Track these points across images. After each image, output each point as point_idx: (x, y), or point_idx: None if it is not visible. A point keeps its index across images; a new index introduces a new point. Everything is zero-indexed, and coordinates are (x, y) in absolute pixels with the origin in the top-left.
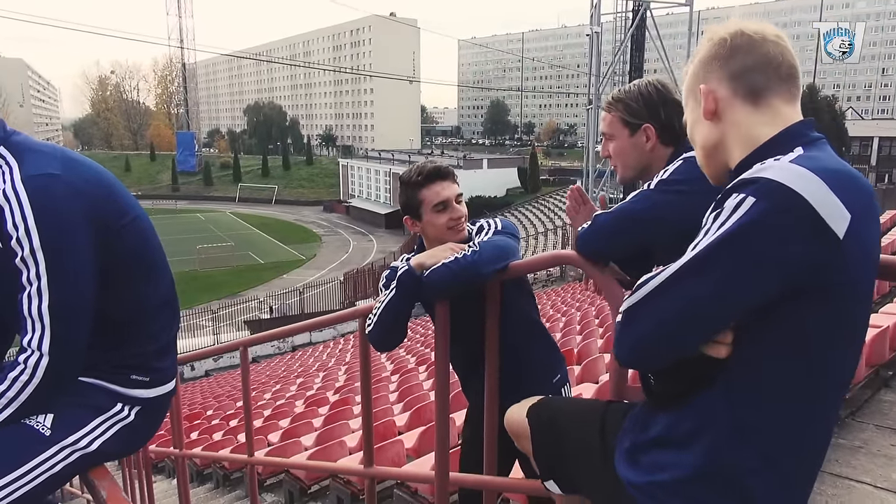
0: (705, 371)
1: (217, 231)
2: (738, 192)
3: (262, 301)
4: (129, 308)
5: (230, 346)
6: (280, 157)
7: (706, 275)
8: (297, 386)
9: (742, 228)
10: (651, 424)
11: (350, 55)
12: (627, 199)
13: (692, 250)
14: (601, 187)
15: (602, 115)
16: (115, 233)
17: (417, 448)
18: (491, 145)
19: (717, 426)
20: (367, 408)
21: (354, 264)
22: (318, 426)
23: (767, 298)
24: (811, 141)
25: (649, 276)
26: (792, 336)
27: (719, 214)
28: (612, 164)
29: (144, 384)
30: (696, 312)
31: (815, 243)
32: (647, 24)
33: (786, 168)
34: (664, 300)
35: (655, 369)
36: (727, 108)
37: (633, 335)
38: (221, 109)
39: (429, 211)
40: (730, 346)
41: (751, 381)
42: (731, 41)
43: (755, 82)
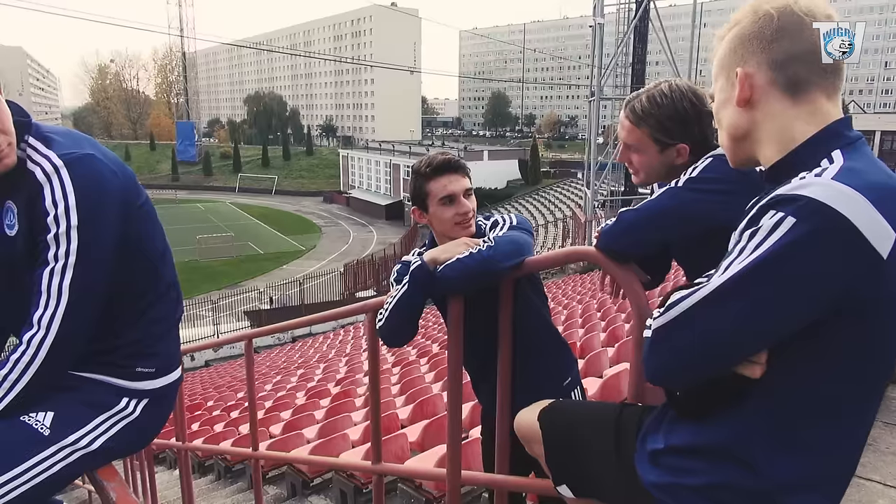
0: (736, 388)
1: (217, 221)
2: (777, 210)
3: (263, 292)
4: (144, 287)
5: (236, 338)
6: (280, 148)
7: (745, 298)
8: (297, 377)
9: (783, 251)
10: (677, 430)
11: (351, 45)
12: (654, 197)
13: (726, 270)
14: (602, 180)
15: (623, 122)
16: (134, 214)
17: (421, 442)
18: (492, 137)
19: (750, 443)
20: (375, 404)
21: (354, 255)
22: (321, 418)
23: (807, 320)
24: (850, 142)
25: (682, 295)
26: (828, 355)
27: (755, 233)
28: (633, 170)
29: (150, 375)
30: (733, 336)
31: (858, 265)
32: (650, 15)
33: (829, 186)
34: (699, 321)
35: (682, 388)
36: (763, 98)
37: (664, 355)
38: (221, 99)
39: (435, 203)
40: (764, 366)
41: (785, 400)
42: (779, 20)
43: (798, 74)
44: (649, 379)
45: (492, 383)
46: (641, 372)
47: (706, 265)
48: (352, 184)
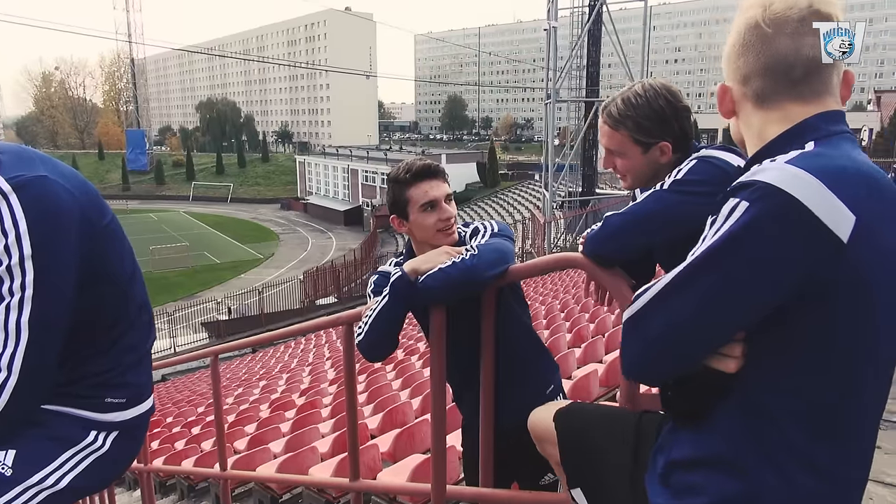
0: (715, 384)
1: (171, 231)
2: (734, 197)
3: (220, 302)
4: (113, 313)
5: (201, 354)
6: (235, 155)
7: (701, 284)
8: (260, 389)
9: (735, 235)
10: (677, 443)
11: (305, 50)
12: (640, 200)
13: (689, 258)
14: (560, 181)
15: (602, 128)
16: (98, 235)
17: (393, 452)
18: (449, 140)
19: (744, 447)
20: (352, 419)
21: (314, 262)
22: (287, 431)
23: (768, 307)
24: (827, 135)
25: (647, 286)
26: (805, 345)
27: (715, 221)
28: (618, 174)
29: (121, 406)
30: (695, 321)
31: (815, 248)
32: (602, 19)
33: (781, 169)
34: (661, 311)
35: (660, 382)
36: (740, 109)
37: (634, 346)
38: (173, 106)
39: (416, 210)
40: (739, 360)
41: (774, 397)
42: (745, 36)
43: (761, 87)
44: (625, 373)
45: (474, 394)
46: (634, 384)
47: None
48: (309, 190)
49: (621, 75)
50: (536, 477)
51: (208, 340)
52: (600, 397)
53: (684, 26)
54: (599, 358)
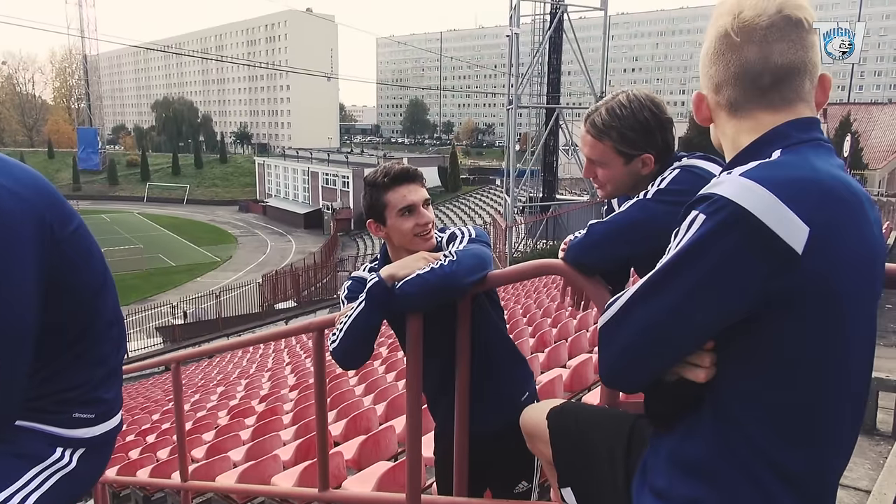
0: (687, 394)
1: (124, 233)
2: (694, 209)
3: (176, 306)
4: (78, 327)
5: (162, 361)
6: (192, 156)
7: (663, 294)
8: (217, 396)
9: (693, 247)
10: (659, 450)
11: (265, 50)
12: (623, 209)
13: (655, 268)
14: (521, 186)
15: (585, 137)
16: (62, 243)
17: (358, 460)
18: (411, 144)
19: (718, 454)
20: (322, 427)
21: (273, 266)
22: (247, 439)
23: (729, 317)
24: (794, 143)
25: (618, 296)
26: (764, 355)
27: (678, 232)
28: (597, 184)
29: (89, 422)
30: (659, 332)
31: (769, 259)
32: (563, 27)
33: (734, 182)
34: (629, 320)
35: (635, 389)
36: (716, 117)
37: (607, 356)
38: (127, 104)
39: (394, 215)
40: (710, 369)
41: (743, 405)
42: (716, 46)
43: (731, 97)
44: (603, 381)
45: (449, 400)
46: (614, 393)
47: None
48: (268, 192)
49: (581, 83)
50: (510, 485)
51: (162, 346)
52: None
53: (641, 36)
54: (563, 363)
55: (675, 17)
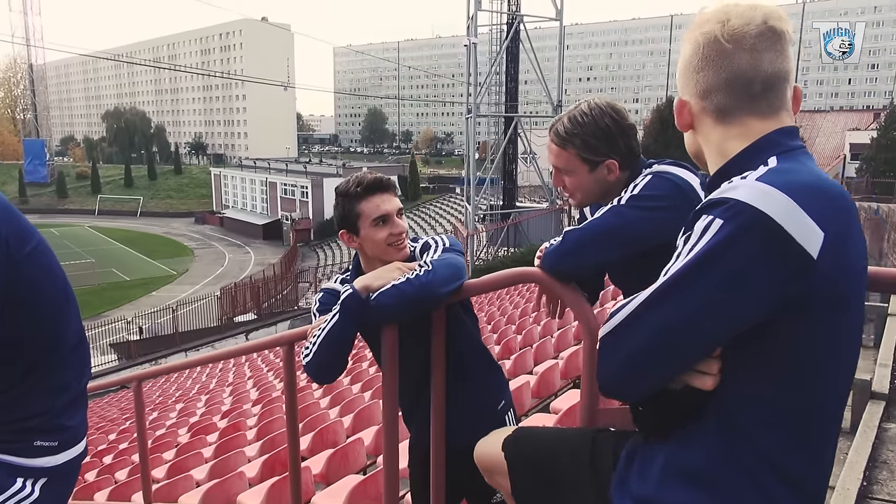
0: (692, 401)
1: (75, 247)
2: (707, 214)
3: (131, 321)
4: (38, 350)
5: (123, 380)
6: (145, 167)
7: (677, 301)
8: (177, 413)
9: (711, 252)
10: (652, 460)
11: (220, 59)
12: (598, 215)
13: (664, 275)
14: (482, 195)
15: (550, 147)
16: (20, 263)
17: (326, 474)
18: (369, 153)
19: (719, 461)
20: (294, 445)
21: (231, 278)
22: (210, 456)
23: (744, 323)
24: (787, 151)
25: (624, 302)
26: (779, 360)
27: (689, 238)
28: (567, 192)
29: (52, 450)
30: (670, 340)
31: (787, 264)
32: (520, 37)
33: (753, 187)
34: (638, 328)
35: (636, 398)
36: (699, 123)
37: (609, 365)
38: (76, 115)
39: (367, 225)
40: (716, 377)
41: (748, 411)
42: (703, 50)
43: (722, 102)
44: (602, 390)
45: (424, 411)
46: (593, 400)
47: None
48: (226, 203)
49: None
50: (487, 496)
51: (118, 363)
52: (533, 408)
53: (595, 46)
54: (529, 369)
55: (627, 27)
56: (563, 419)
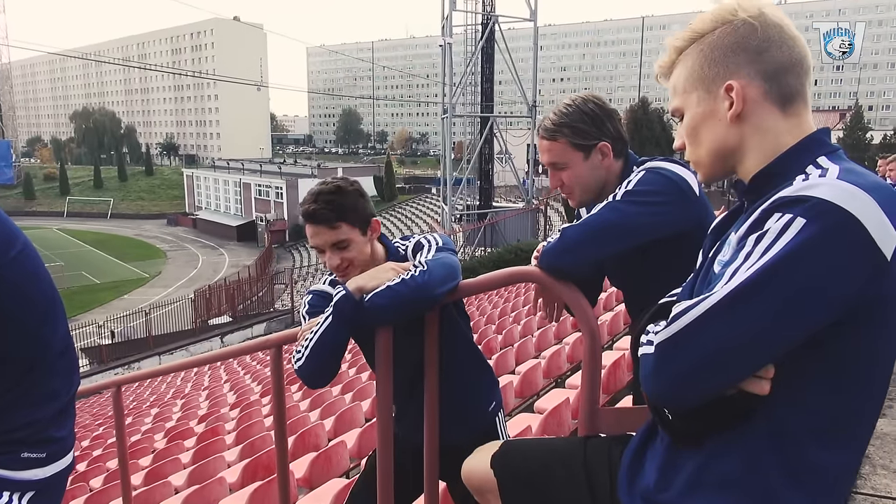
0: (744, 407)
1: (43, 250)
2: (784, 212)
3: (102, 325)
4: (25, 359)
5: (99, 386)
6: (115, 168)
7: (757, 303)
8: (152, 418)
9: (796, 252)
10: (678, 467)
11: (191, 59)
12: (594, 212)
13: (733, 276)
14: (458, 195)
15: (541, 144)
16: (3, 268)
17: (309, 478)
18: (345, 154)
19: (763, 468)
20: (282, 449)
21: (205, 280)
22: (188, 462)
23: (820, 325)
24: (833, 150)
25: (686, 306)
26: (839, 362)
27: (762, 237)
28: (565, 192)
29: (40, 462)
30: (745, 345)
31: (868, 266)
32: (495, 37)
33: (837, 186)
34: (708, 332)
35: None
36: (754, 111)
37: (673, 370)
38: (43, 115)
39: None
40: (770, 381)
41: (798, 416)
42: (763, 30)
43: (790, 85)
44: (654, 399)
45: (415, 412)
46: (593, 400)
47: (645, 282)
48: (198, 205)
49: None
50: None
51: (89, 367)
52: (517, 408)
53: (569, 47)
54: (511, 369)
55: (600, 28)
56: (548, 419)
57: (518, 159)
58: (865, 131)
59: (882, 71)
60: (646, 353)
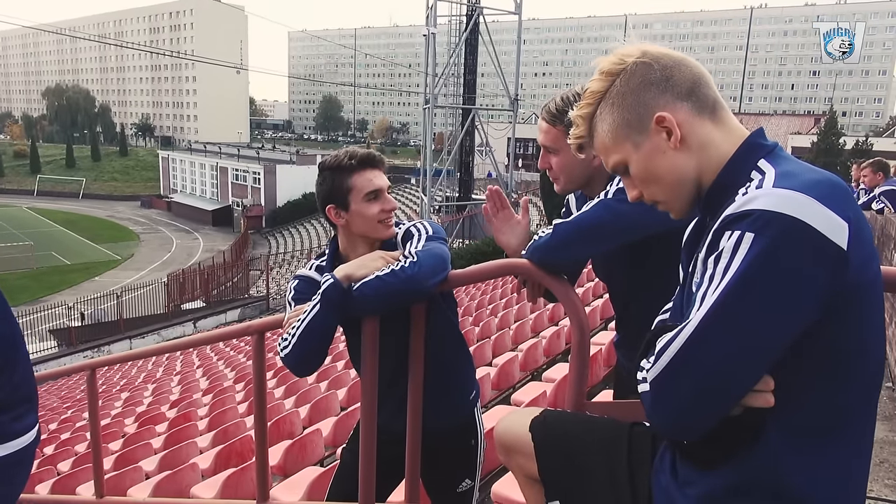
0: (754, 422)
1: (11, 229)
2: (732, 230)
3: (72, 307)
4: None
5: (73, 369)
6: (88, 147)
7: (730, 324)
8: (122, 402)
9: (753, 267)
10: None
11: (169, 39)
12: (586, 209)
13: (702, 301)
14: (438, 186)
15: (541, 125)
16: None
17: (283, 466)
18: (324, 141)
19: (789, 470)
20: (261, 436)
21: (179, 264)
22: (159, 447)
23: (798, 330)
24: (770, 150)
25: (668, 338)
26: (828, 358)
27: (719, 257)
28: (552, 175)
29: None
30: (732, 370)
31: (825, 262)
32: (479, 29)
33: (774, 194)
34: (694, 361)
35: (702, 433)
36: (692, 130)
37: (671, 404)
38: (14, 91)
39: (359, 200)
40: (772, 393)
41: (797, 420)
42: (656, 62)
43: (708, 96)
44: (666, 435)
45: (396, 399)
46: (580, 393)
47: (627, 273)
48: (173, 188)
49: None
50: (454, 484)
51: (57, 349)
52: (492, 401)
53: (552, 42)
54: (488, 361)
55: (583, 24)
56: None
57: (498, 152)
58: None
59: (856, 78)
60: (643, 391)
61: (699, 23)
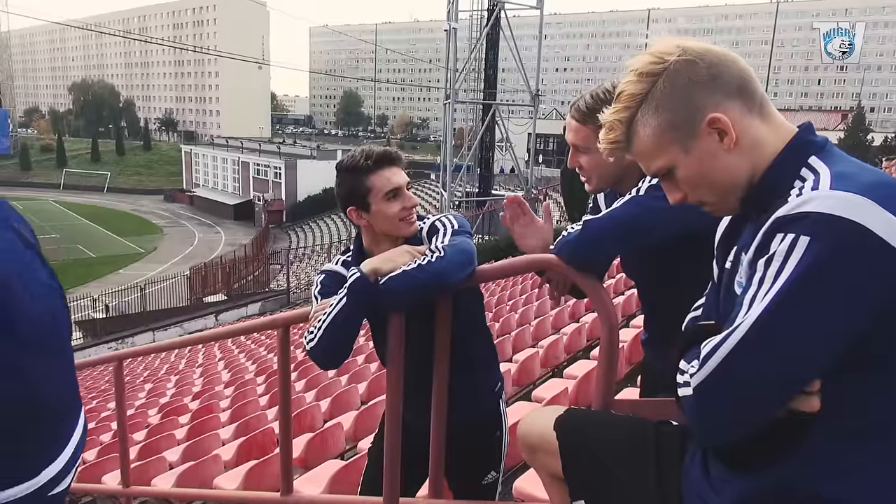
0: (796, 427)
1: (38, 221)
2: (785, 232)
3: (97, 299)
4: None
5: (102, 360)
6: (113, 141)
7: (783, 330)
8: (146, 393)
9: (808, 272)
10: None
11: (193, 34)
12: (618, 205)
13: (752, 305)
14: (458, 182)
15: (570, 123)
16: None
17: (305, 459)
18: (344, 136)
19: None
20: (286, 430)
21: (201, 258)
22: (182, 438)
23: (853, 337)
24: (821, 147)
25: (715, 343)
26: (874, 365)
27: (770, 260)
28: (583, 175)
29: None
30: (781, 372)
31: (884, 266)
32: (500, 24)
33: (831, 197)
34: (742, 367)
35: (744, 437)
36: (745, 130)
37: (717, 411)
38: (41, 86)
39: (379, 200)
40: (818, 396)
41: (839, 427)
42: (701, 59)
43: (756, 92)
44: (706, 442)
45: (423, 397)
46: (609, 391)
47: (660, 276)
48: (196, 182)
49: (514, 80)
50: (479, 476)
51: (83, 341)
52: (513, 397)
53: (573, 37)
54: (509, 357)
55: (605, 19)
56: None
57: (518, 147)
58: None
59: (885, 73)
60: (685, 395)
61: (724, 17)
